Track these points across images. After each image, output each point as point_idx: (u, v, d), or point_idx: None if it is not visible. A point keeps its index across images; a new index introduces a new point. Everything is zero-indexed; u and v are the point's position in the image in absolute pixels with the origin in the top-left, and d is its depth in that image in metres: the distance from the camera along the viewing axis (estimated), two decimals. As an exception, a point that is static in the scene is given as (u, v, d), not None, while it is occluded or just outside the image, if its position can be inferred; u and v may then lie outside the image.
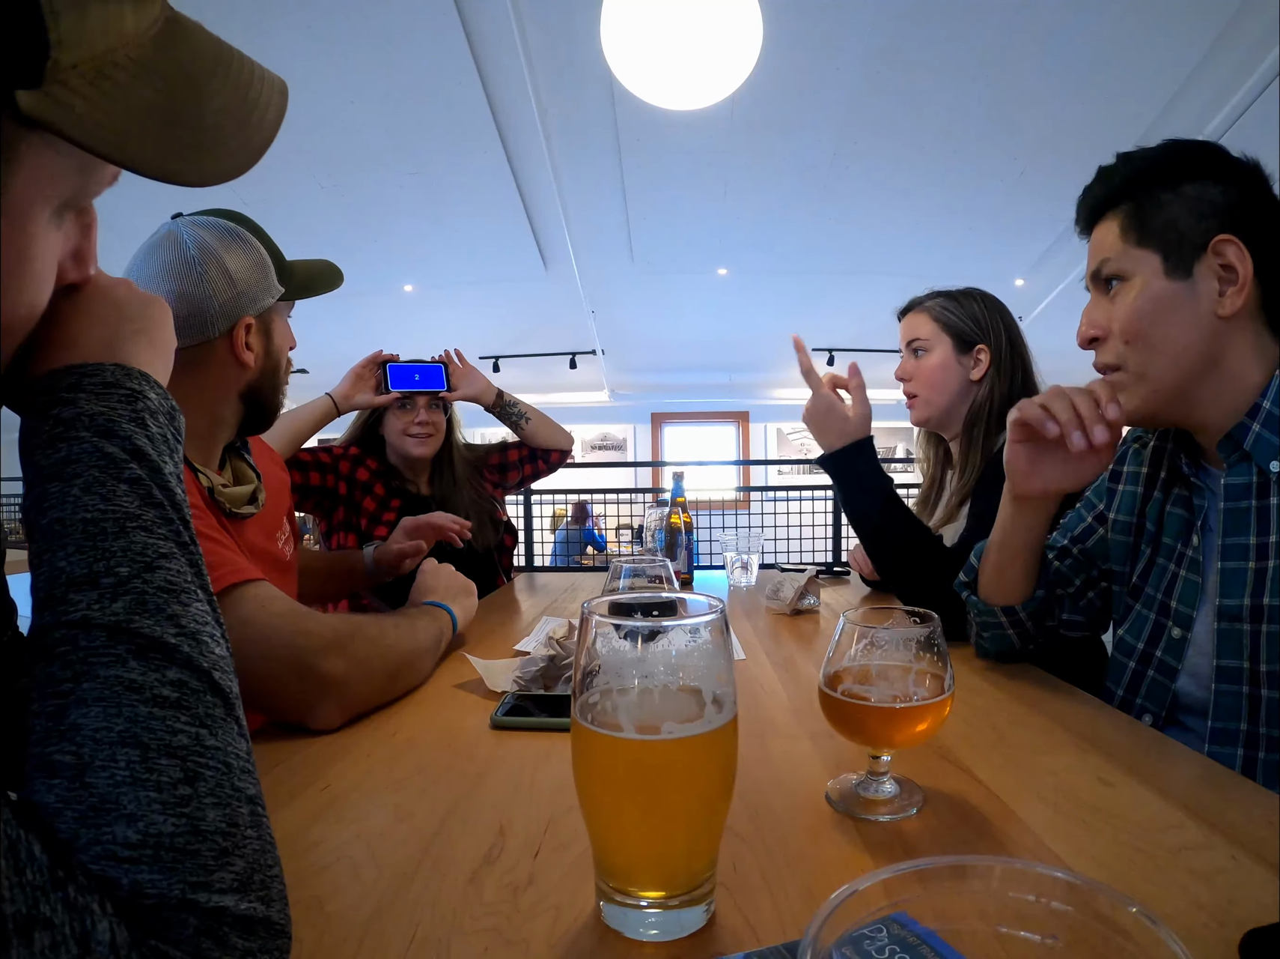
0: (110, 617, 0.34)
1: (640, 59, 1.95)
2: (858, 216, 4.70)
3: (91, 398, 0.38)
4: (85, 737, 0.32)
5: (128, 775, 0.31)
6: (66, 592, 0.34)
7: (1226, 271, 0.78)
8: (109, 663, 0.33)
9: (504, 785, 0.63)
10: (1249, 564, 0.78)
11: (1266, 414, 0.78)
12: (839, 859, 0.51)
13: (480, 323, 6.14)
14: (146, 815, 0.31)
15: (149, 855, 0.30)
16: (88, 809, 0.30)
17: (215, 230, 0.93)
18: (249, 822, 0.34)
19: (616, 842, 0.44)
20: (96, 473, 0.37)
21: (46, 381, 0.39)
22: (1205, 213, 0.79)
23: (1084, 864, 0.49)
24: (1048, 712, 0.80)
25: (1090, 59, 3.22)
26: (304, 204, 4.42)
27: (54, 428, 0.37)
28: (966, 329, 1.35)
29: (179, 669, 0.35)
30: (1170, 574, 0.89)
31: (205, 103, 0.36)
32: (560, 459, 1.99)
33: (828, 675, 0.59)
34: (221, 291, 0.91)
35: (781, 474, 7.25)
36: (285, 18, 3.02)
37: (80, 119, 0.31)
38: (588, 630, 0.42)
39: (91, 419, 0.38)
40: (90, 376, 0.39)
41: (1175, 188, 0.81)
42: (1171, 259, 0.80)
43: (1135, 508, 0.95)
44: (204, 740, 0.34)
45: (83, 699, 0.32)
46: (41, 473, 0.37)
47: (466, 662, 0.95)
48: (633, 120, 3.76)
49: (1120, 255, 0.83)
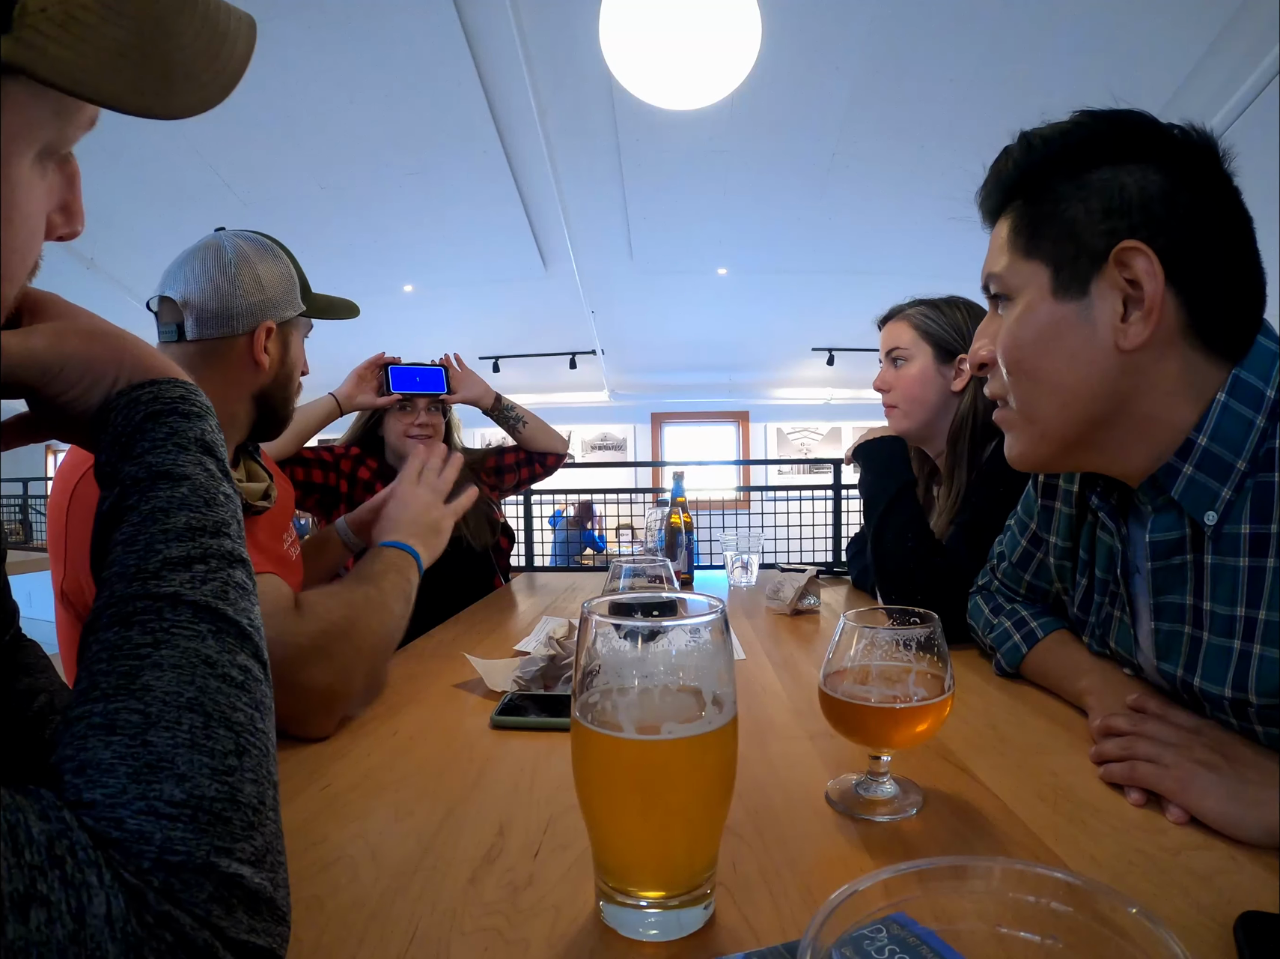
0: (200, 596, 0.38)
1: (639, 59, 1.96)
2: (858, 216, 4.70)
3: (198, 416, 0.44)
4: (155, 697, 0.34)
5: (188, 738, 0.33)
6: (162, 568, 0.38)
7: (1133, 289, 0.60)
8: (189, 636, 0.36)
9: (504, 785, 0.63)
10: (1184, 628, 0.65)
11: (1202, 453, 0.61)
12: (839, 859, 0.51)
13: (480, 323, 6.14)
14: (195, 777, 0.33)
15: (188, 815, 0.32)
16: (143, 765, 0.32)
17: (252, 242, 1.02)
18: (272, 804, 0.36)
19: (616, 842, 0.44)
20: (203, 479, 0.42)
21: (153, 388, 0.44)
22: (1111, 209, 0.61)
23: (1084, 864, 0.49)
24: (1048, 712, 0.80)
25: (1090, 58, 3.22)
26: (304, 204, 4.42)
27: (169, 436, 0.42)
28: (948, 338, 1.32)
29: (248, 656, 0.38)
30: (1105, 612, 0.78)
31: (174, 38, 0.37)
32: (556, 463, 2.01)
33: (828, 675, 0.59)
34: (250, 293, 0.99)
35: (781, 474, 7.24)
36: (285, 18, 3.02)
37: (53, 60, 0.32)
38: (588, 630, 0.42)
39: (200, 435, 0.44)
40: (194, 395, 0.45)
41: (1078, 177, 0.63)
42: (1063, 273, 0.63)
43: (1071, 530, 0.82)
44: (256, 723, 0.37)
45: (159, 664, 0.35)
46: (151, 467, 0.41)
47: (466, 662, 0.95)
48: (632, 120, 3.76)
49: (1007, 269, 0.67)
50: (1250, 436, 0.59)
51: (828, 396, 7.45)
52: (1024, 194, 0.67)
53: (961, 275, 1.54)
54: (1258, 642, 0.58)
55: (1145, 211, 0.60)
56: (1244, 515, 0.59)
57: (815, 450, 7.67)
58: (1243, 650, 0.59)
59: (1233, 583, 0.60)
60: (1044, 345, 0.65)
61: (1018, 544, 0.93)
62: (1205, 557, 0.62)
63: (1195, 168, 0.62)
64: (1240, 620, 0.60)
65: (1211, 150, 0.62)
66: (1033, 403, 0.67)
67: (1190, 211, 0.61)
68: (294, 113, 3.66)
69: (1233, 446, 0.60)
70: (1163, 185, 0.61)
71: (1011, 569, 0.95)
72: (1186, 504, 0.62)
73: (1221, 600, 0.61)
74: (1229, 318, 0.62)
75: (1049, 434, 0.67)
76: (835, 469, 3.85)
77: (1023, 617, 0.91)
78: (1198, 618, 0.63)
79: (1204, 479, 0.61)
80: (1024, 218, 0.66)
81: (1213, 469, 0.60)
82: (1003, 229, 0.69)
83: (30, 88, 0.33)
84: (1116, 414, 0.64)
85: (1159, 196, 0.61)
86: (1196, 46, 3.17)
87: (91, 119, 0.39)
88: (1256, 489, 0.59)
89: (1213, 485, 0.60)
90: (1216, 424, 0.60)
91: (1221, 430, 0.60)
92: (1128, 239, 0.60)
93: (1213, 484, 0.60)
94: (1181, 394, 0.62)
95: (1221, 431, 0.60)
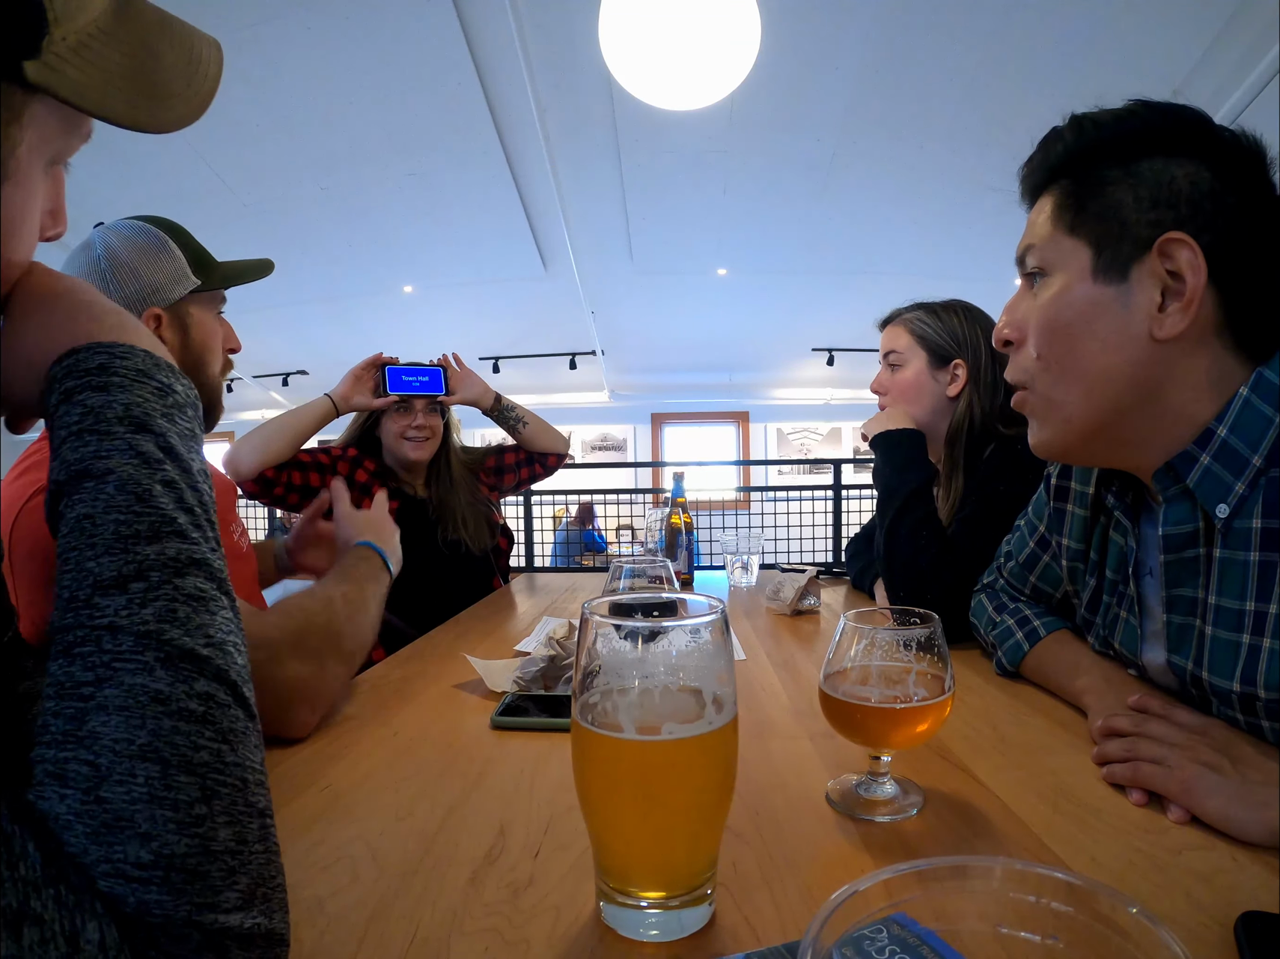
0: (140, 624, 0.33)
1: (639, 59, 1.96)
2: (858, 216, 4.70)
3: (124, 386, 0.37)
4: (104, 746, 0.30)
5: (145, 793, 0.30)
6: (93, 594, 0.33)
7: (1174, 280, 0.61)
8: (135, 670, 0.32)
9: (504, 785, 0.63)
10: (1195, 621, 0.65)
11: (1221, 444, 0.61)
12: (839, 859, 0.51)
13: (480, 323, 6.14)
14: (161, 835, 0.30)
15: (159, 877, 0.29)
16: (100, 825, 0.29)
17: (125, 233, 1.00)
18: (257, 837, 0.33)
19: (617, 842, 0.44)
20: (131, 470, 0.35)
21: (70, 361, 0.37)
22: (1160, 200, 0.62)
23: (1084, 864, 0.49)
24: (1048, 712, 0.80)
25: (1090, 57, 3.22)
26: (303, 205, 4.43)
27: (84, 418, 0.36)
28: (943, 343, 1.32)
29: (208, 681, 0.34)
30: (1113, 613, 0.78)
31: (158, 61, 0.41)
32: (557, 463, 2.00)
33: (828, 676, 0.59)
34: (125, 284, 0.97)
35: (781, 474, 7.24)
36: (284, 18, 3.02)
37: (71, 82, 0.36)
38: (588, 631, 0.42)
39: (126, 410, 0.36)
40: (121, 359, 0.38)
41: (1128, 164, 0.64)
42: (1104, 255, 0.63)
43: (1084, 533, 0.82)
44: (224, 757, 0.33)
45: (104, 706, 0.31)
46: (69, 466, 0.35)
47: (467, 662, 0.95)
48: (632, 120, 3.76)
49: (1047, 243, 0.67)
50: (1268, 433, 0.60)
51: (828, 397, 7.45)
52: (1071, 174, 0.67)
53: (962, 275, 1.54)
54: (1267, 636, 0.58)
55: (1193, 206, 0.61)
56: (1256, 510, 0.59)
57: (815, 450, 7.66)
58: (1251, 645, 0.60)
59: (1242, 577, 0.60)
60: (1078, 326, 0.65)
61: (1025, 545, 0.93)
62: (1214, 550, 0.62)
63: (1244, 171, 0.62)
64: (1250, 615, 0.60)
65: (1260, 156, 0.63)
66: (1058, 386, 0.67)
67: (1237, 213, 0.61)
68: (294, 114, 3.66)
69: (1250, 441, 0.60)
70: (1212, 184, 0.61)
71: (1018, 569, 0.95)
72: (1200, 495, 0.62)
73: (1231, 595, 0.61)
74: (1263, 319, 0.62)
75: (1073, 420, 0.67)
76: (835, 469, 3.85)
77: (1026, 615, 0.92)
78: (1207, 611, 0.63)
79: (1220, 470, 0.61)
80: (1070, 196, 0.67)
81: (1229, 462, 0.61)
82: (1046, 204, 0.69)
83: (48, 105, 0.37)
84: (1141, 404, 0.64)
85: (1208, 194, 0.61)
86: (1196, 46, 3.17)
87: (88, 133, 0.43)
88: (1269, 484, 0.59)
89: (1227, 478, 0.61)
90: (1237, 417, 0.61)
91: (1241, 424, 0.61)
92: (1174, 230, 0.60)
93: (1227, 476, 0.61)
94: (1206, 390, 0.62)
95: (1241, 425, 0.61)
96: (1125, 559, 0.75)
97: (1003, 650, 0.92)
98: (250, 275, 1.12)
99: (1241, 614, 0.60)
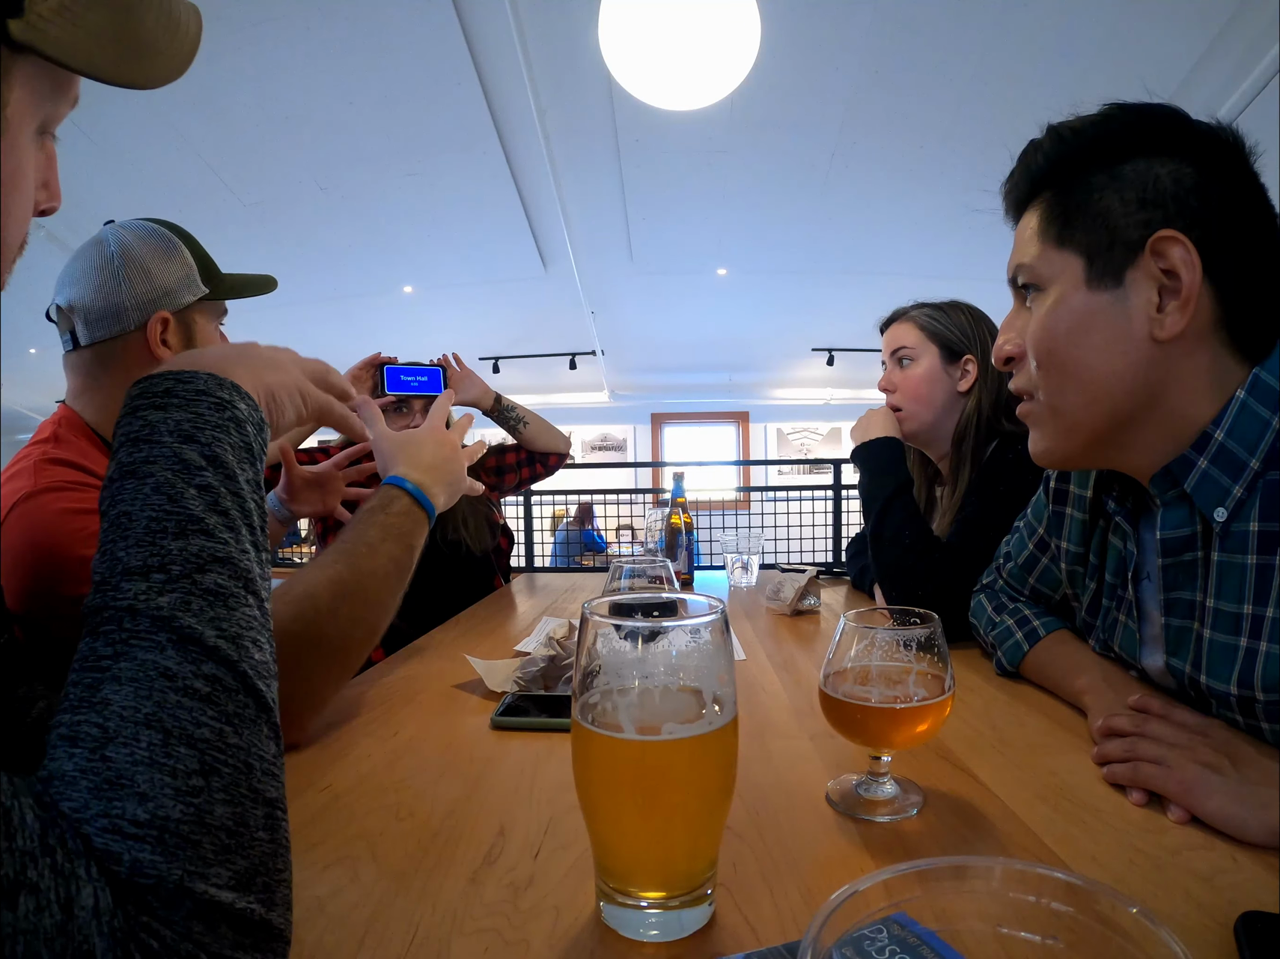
0: (155, 609, 0.36)
1: (638, 59, 1.96)
2: (858, 216, 4.70)
3: (181, 405, 0.42)
4: (113, 712, 0.33)
5: (146, 756, 0.32)
6: (120, 580, 0.36)
7: (1169, 279, 0.61)
8: (148, 648, 0.35)
9: (504, 785, 0.63)
10: (1193, 625, 0.65)
11: (1218, 448, 0.61)
12: (839, 859, 0.51)
13: (480, 324, 6.14)
14: (157, 797, 0.31)
15: (153, 836, 0.31)
16: (102, 781, 0.31)
17: (139, 232, 0.98)
18: (262, 824, 0.34)
19: (617, 842, 0.44)
20: (169, 474, 0.39)
21: (143, 384, 0.43)
22: (1146, 200, 0.61)
23: (1084, 864, 0.49)
24: (1048, 712, 0.80)
25: (1089, 58, 3.22)
26: (303, 205, 4.43)
27: (141, 428, 0.41)
28: (954, 338, 1.32)
29: (215, 665, 0.36)
30: (1112, 617, 0.78)
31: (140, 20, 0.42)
32: (558, 462, 2.00)
33: (828, 676, 0.59)
34: (137, 284, 0.96)
35: (781, 474, 7.24)
36: (284, 18, 3.02)
37: (55, 41, 0.37)
38: (588, 631, 0.42)
39: (177, 424, 0.41)
40: (184, 383, 0.43)
41: (1111, 168, 0.63)
42: (1097, 263, 0.63)
43: (1084, 536, 0.82)
44: (226, 738, 0.35)
45: (117, 677, 0.34)
46: (121, 468, 0.40)
47: (467, 662, 0.95)
48: (631, 120, 3.76)
49: (1037, 259, 0.67)
50: (1265, 436, 0.59)
51: (828, 397, 7.46)
52: (1054, 185, 0.67)
53: (961, 275, 1.54)
54: (1264, 638, 0.58)
55: (1180, 203, 0.61)
56: (1253, 514, 0.59)
57: (815, 450, 7.67)
58: (1249, 648, 0.60)
59: (1240, 580, 0.60)
60: (1077, 336, 0.64)
61: (1024, 547, 0.93)
62: (1212, 554, 0.62)
63: (1225, 162, 0.62)
64: (1247, 618, 0.60)
65: (1239, 146, 0.63)
66: (1062, 395, 0.67)
67: (1223, 205, 0.61)
68: (294, 114, 3.66)
69: (1248, 445, 0.60)
70: (1195, 178, 0.61)
71: (1018, 570, 0.95)
72: (1198, 499, 0.62)
73: (1228, 598, 0.61)
74: (1259, 314, 0.62)
75: (1076, 428, 0.67)
76: (835, 469, 3.86)
77: (1026, 615, 0.92)
78: (1205, 615, 0.63)
79: (1217, 474, 0.61)
80: (1055, 208, 0.66)
81: (1226, 465, 0.61)
82: (1031, 220, 0.69)
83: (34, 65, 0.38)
84: (1144, 408, 0.64)
85: (1193, 189, 0.61)
86: (1196, 46, 3.17)
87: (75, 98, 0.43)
88: (1267, 488, 0.59)
89: (1225, 481, 0.61)
90: (1234, 421, 0.60)
91: (1239, 428, 0.61)
92: (1164, 229, 0.60)
93: (1225, 480, 0.61)
94: (1206, 390, 0.62)
95: (1238, 429, 0.61)
96: (1124, 563, 0.75)
97: (1002, 650, 0.92)
98: (253, 290, 1.12)
99: (1239, 617, 0.60)
